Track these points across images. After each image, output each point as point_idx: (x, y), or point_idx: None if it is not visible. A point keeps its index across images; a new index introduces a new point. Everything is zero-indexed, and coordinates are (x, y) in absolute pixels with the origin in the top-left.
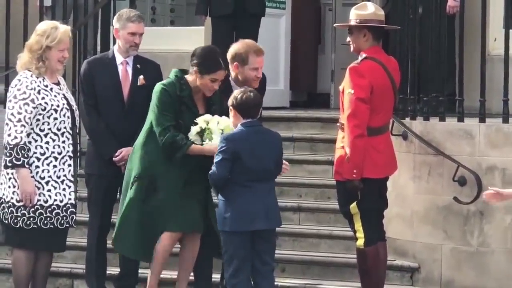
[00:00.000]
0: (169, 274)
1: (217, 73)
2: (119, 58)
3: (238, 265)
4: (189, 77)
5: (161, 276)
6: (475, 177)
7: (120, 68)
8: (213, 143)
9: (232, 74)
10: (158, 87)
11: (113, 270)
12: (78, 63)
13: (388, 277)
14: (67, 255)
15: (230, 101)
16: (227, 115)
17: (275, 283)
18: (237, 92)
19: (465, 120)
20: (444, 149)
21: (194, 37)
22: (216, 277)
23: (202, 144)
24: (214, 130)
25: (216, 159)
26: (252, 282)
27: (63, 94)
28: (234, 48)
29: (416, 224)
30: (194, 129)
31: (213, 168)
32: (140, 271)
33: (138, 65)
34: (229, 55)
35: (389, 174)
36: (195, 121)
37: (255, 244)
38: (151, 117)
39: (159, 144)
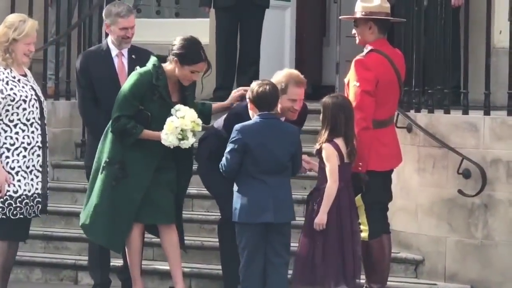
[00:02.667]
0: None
1: (198, 65)
2: (114, 50)
3: (249, 256)
4: (167, 66)
5: (161, 267)
6: (480, 170)
7: (116, 60)
8: (190, 142)
9: None
10: (134, 74)
11: (117, 262)
12: None
13: (393, 270)
14: (71, 246)
15: (248, 93)
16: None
17: None
18: (254, 85)
19: (469, 113)
20: (449, 141)
21: (199, 29)
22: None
23: (179, 144)
24: (187, 129)
25: (227, 149)
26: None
27: (31, 85)
28: (277, 75)
29: (420, 217)
30: (171, 134)
31: (223, 158)
32: (143, 262)
33: (133, 56)
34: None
35: (394, 166)
36: (167, 121)
37: (268, 236)
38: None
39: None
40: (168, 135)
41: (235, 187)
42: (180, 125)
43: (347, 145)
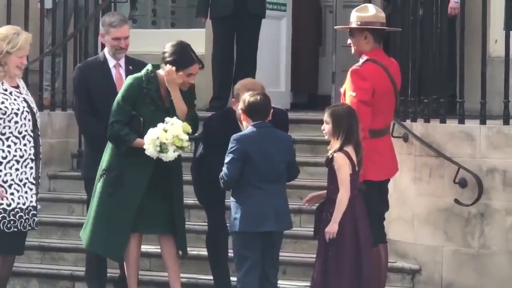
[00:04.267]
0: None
1: (191, 68)
2: (111, 61)
3: (250, 265)
4: (161, 72)
5: (158, 278)
6: (476, 179)
7: (113, 71)
8: (169, 156)
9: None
10: (126, 80)
11: (113, 272)
12: None
13: (389, 279)
14: (68, 257)
15: (240, 105)
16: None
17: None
18: (246, 96)
19: (466, 122)
20: (445, 151)
21: (195, 39)
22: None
23: (159, 156)
24: (168, 143)
25: (226, 159)
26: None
27: (23, 98)
28: (236, 84)
29: (417, 226)
30: (150, 145)
31: (224, 169)
32: (140, 273)
33: (130, 67)
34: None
35: (390, 176)
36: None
37: (266, 245)
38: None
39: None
40: (148, 146)
41: (233, 197)
42: (160, 138)
43: (357, 153)
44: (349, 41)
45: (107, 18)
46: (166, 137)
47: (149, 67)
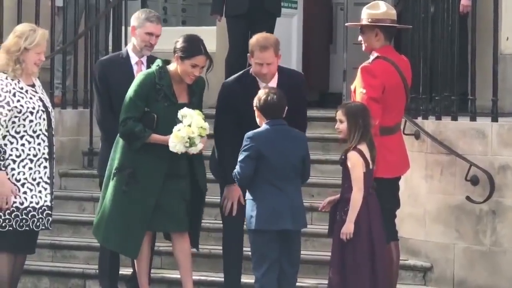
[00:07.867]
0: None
1: (197, 58)
2: (133, 58)
3: (268, 265)
4: (171, 67)
5: (169, 276)
6: (488, 177)
7: (135, 68)
8: (198, 147)
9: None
10: (138, 76)
11: (125, 270)
12: (90, 63)
13: (401, 277)
14: (79, 255)
15: (254, 102)
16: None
17: None
18: (261, 93)
19: (477, 119)
20: (457, 148)
21: (206, 37)
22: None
23: (188, 150)
24: (195, 136)
25: (240, 157)
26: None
27: (39, 96)
28: (252, 39)
29: (428, 224)
30: (178, 143)
31: (237, 167)
32: (152, 271)
33: (151, 65)
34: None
35: (401, 173)
36: (174, 131)
37: (283, 244)
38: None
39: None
40: (175, 144)
41: (249, 195)
42: (187, 134)
43: (371, 150)
44: (360, 38)
45: (143, 14)
46: (192, 131)
47: (159, 62)
